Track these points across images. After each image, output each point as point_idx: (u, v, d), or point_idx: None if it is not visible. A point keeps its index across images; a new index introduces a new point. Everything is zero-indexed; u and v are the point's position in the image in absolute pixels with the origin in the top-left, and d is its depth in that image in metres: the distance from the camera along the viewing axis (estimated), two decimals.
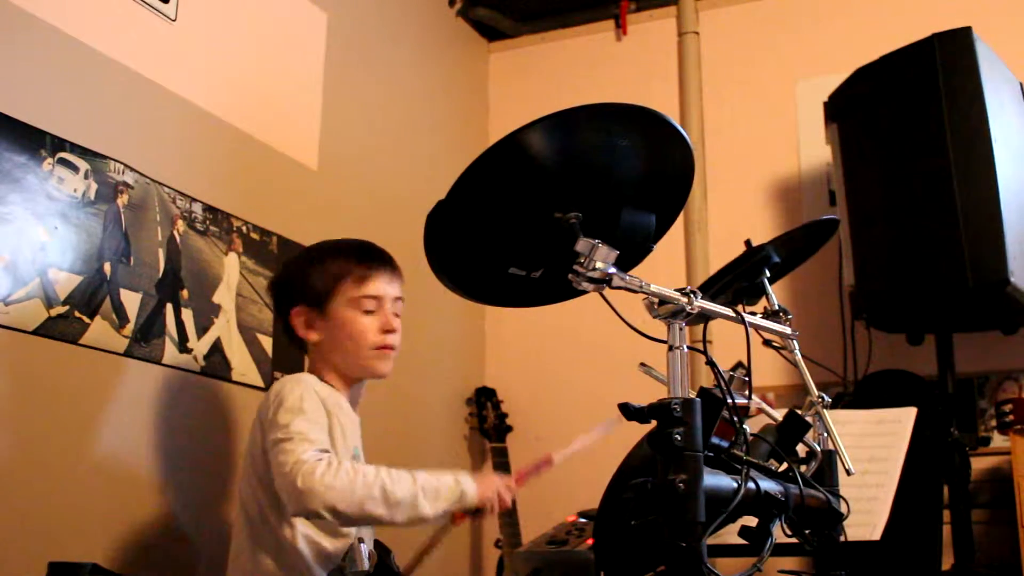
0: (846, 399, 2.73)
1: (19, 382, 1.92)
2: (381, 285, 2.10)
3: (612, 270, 1.29)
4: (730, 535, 1.44)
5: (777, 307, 1.70)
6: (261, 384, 2.48)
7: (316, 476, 1.78)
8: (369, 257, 2.12)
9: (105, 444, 2.08)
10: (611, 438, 2.00)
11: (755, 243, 1.77)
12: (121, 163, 2.15)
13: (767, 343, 1.74)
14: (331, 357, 2.09)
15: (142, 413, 2.16)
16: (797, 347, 1.67)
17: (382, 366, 2.10)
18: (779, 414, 1.57)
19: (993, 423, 2.92)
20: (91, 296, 2.05)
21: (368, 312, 2.08)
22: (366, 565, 1.89)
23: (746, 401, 1.46)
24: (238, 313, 2.44)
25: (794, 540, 1.47)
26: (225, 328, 2.39)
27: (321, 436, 1.89)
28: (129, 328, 2.13)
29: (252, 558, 1.96)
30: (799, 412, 1.54)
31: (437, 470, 1.92)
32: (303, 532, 1.95)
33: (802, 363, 1.66)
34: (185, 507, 2.23)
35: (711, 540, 1.24)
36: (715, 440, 1.33)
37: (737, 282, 1.78)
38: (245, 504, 2.00)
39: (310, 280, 2.09)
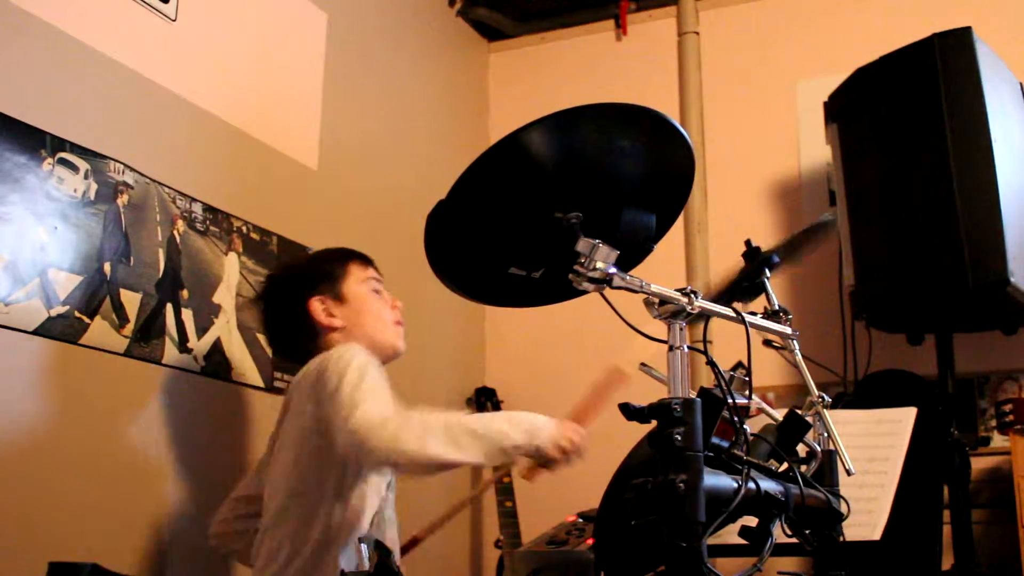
0: (846, 399, 2.73)
1: (19, 382, 1.91)
2: (376, 272, 2.18)
3: (612, 270, 1.29)
4: (730, 535, 1.44)
5: (777, 307, 1.70)
6: (261, 384, 2.48)
7: (384, 430, 1.74)
8: (355, 251, 2.19)
9: (105, 444, 2.08)
10: (611, 438, 1.99)
11: (755, 243, 1.77)
12: (121, 163, 2.15)
13: (767, 343, 1.73)
14: (358, 340, 2.04)
15: (142, 413, 2.16)
16: (797, 347, 1.67)
17: (400, 342, 2.15)
18: (779, 414, 1.57)
19: (993, 423, 2.92)
20: (91, 296, 2.05)
21: (376, 292, 2.15)
22: (366, 565, 1.89)
23: (746, 401, 1.46)
24: (238, 313, 2.44)
25: (794, 540, 1.47)
26: (225, 328, 2.39)
27: (388, 395, 1.86)
28: (129, 328, 2.13)
29: (291, 535, 1.91)
30: (799, 412, 1.54)
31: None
32: (353, 502, 1.92)
33: (802, 363, 1.66)
34: (185, 507, 2.23)
35: (711, 540, 1.24)
36: (715, 440, 1.33)
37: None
38: (293, 488, 1.94)
39: (321, 268, 2.14)
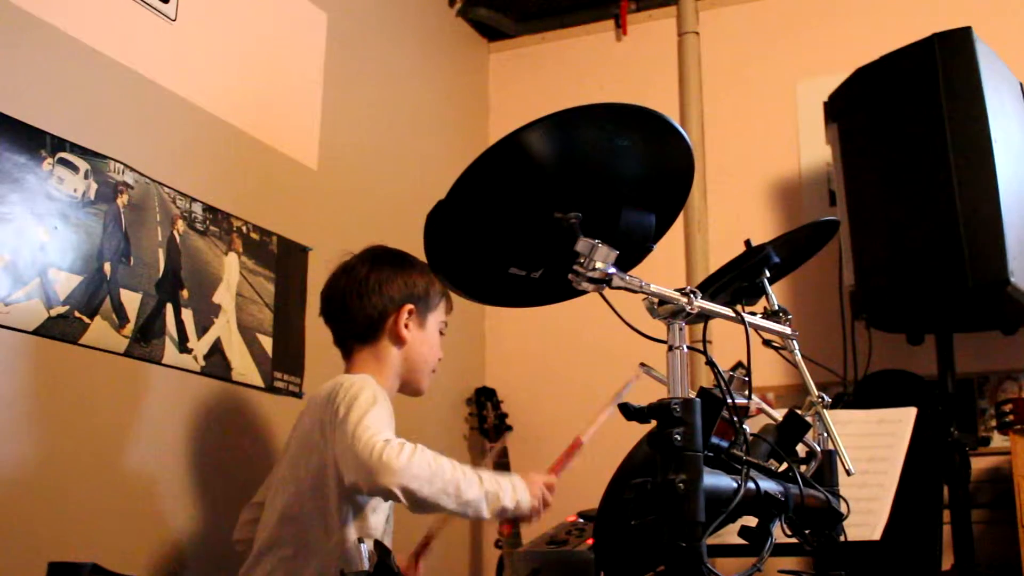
0: (846, 399, 2.73)
1: (19, 382, 1.92)
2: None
3: (612, 270, 1.29)
4: (730, 535, 1.44)
5: (777, 307, 1.70)
6: (261, 384, 2.48)
7: (400, 456, 1.82)
8: (449, 291, 2.24)
9: (105, 444, 2.08)
10: (611, 438, 1.99)
11: (755, 243, 1.77)
12: (121, 163, 2.15)
13: (767, 343, 1.73)
14: (400, 363, 2.18)
15: (142, 413, 2.16)
16: (797, 347, 1.67)
17: (427, 386, 2.25)
18: (779, 414, 1.57)
19: (993, 423, 2.92)
20: (91, 296, 2.05)
21: (441, 334, 2.26)
22: (366, 565, 1.89)
23: (746, 401, 1.46)
24: (238, 313, 2.44)
25: (794, 540, 1.47)
26: (225, 328, 2.39)
27: (392, 428, 1.95)
28: (129, 328, 2.13)
29: (284, 562, 1.96)
30: (799, 412, 1.54)
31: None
32: (351, 536, 1.96)
33: (802, 363, 1.66)
34: (185, 507, 2.23)
35: (711, 540, 1.24)
36: (715, 440, 1.33)
37: (737, 282, 1.78)
38: (287, 508, 2.00)
39: (429, 287, 2.20)
